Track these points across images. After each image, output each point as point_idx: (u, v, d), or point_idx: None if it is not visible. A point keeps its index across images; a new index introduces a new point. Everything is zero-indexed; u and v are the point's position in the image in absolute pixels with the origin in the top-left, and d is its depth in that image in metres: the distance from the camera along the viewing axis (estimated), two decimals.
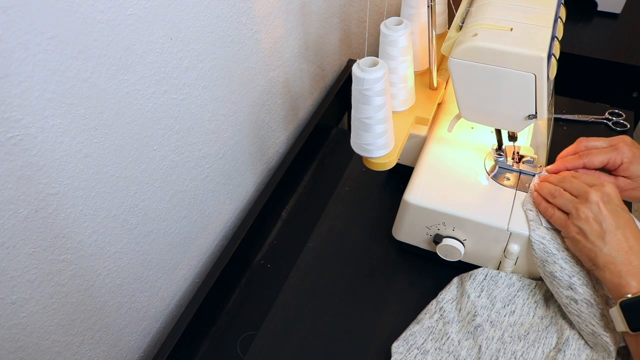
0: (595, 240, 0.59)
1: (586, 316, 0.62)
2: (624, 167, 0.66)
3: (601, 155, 0.67)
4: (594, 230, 0.59)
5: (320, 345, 0.70)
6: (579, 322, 0.63)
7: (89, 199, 0.53)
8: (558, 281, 0.64)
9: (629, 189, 0.67)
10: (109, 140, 0.53)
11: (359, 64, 0.59)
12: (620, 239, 0.58)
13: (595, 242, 0.59)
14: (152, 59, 0.55)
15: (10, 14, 0.40)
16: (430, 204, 0.69)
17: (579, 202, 0.61)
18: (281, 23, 0.79)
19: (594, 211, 0.60)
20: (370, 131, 0.63)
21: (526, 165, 0.71)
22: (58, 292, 0.53)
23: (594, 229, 0.59)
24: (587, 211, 0.60)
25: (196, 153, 0.68)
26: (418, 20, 0.74)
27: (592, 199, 0.60)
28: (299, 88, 0.92)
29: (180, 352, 0.68)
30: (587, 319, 0.62)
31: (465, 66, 0.61)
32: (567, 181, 0.65)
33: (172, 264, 0.71)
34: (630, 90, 1.16)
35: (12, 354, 0.50)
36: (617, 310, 0.57)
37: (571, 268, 0.63)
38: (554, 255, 0.64)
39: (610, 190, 0.61)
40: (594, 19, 1.26)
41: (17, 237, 0.46)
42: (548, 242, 0.65)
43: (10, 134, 0.43)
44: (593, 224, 0.59)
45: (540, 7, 0.63)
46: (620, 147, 0.67)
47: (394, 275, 0.77)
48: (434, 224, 0.71)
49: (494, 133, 0.72)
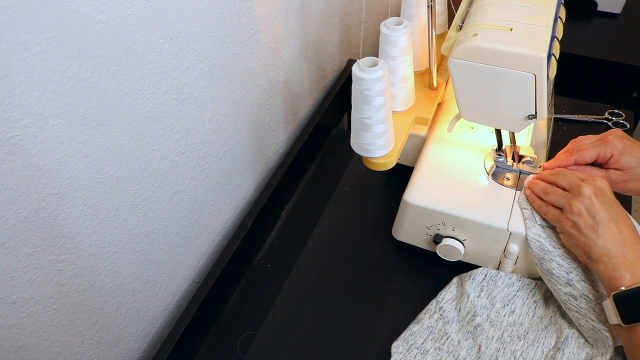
0: (589, 233, 0.59)
1: (586, 311, 0.62)
2: (615, 159, 0.66)
3: (591, 150, 0.67)
4: (587, 223, 0.59)
5: (320, 345, 0.70)
6: (578, 318, 0.63)
7: (89, 199, 0.53)
8: (556, 278, 0.64)
9: (621, 181, 0.67)
10: (109, 140, 0.53)
11: (359, 64, 0.59)
12: (614, 232, 0.58)
13: (589, 235, 0.59)
14: (152, 59, 0.55)
15: (10, 14, 0.40)
16: (430, 204, 0.69)
17: (572, 197, 0.62)
18: (281, 23, 0.79)
19: (587, 204, 0.60)
20: (370, 131, 0.63)
21: (526, 165, 0.71)
22: (58, 292, 0.53)
23: (588, 222, 0.59)
24: (580, 205, 0.60)
25: (196, 153, 0.68)
26: (418, 20, 0.74)
27: (584, 192, 0.60)
28: (299, 88, 0.92)
29: (180, 352, 0.68)
30: (586, 314, 0.62)
31: (465, 66, 0.61)
32: (559, 177, 0.65)
33: (172, 264, 0.71)
34: (630, 90, 1.16)
35: (12, 354, 0.50)
36: (610, 303, 0.57)
37: (568, 264, 0.63)
38: (551, 252, 0.64)
39: (602, 184, 0.61)
40: (594, 19, 1.26)
41: (17, 237, 0.46)
42: (544, 239, 0.65)
43: (10, 134, 0.43)
44: (586, 217, 0.60)
45: (540, 7, 0.63)
46: (609, 139, 0.67)
47: (394, 275, 0.77)
48: (434, 224, 0.71)
49: (494, 133, 0.72)
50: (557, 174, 0.66)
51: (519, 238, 0.66)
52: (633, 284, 0.55)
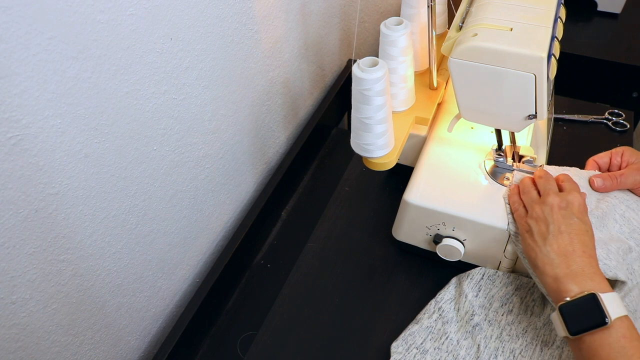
0: (538, 239, 0.59)
1: None
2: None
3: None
4: (540, 230, 0.60)
5: (320, 345, 0.70)
6: None
7: (89, 199, 0.53)
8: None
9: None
10: (109, 140, 0.53)
11: (359, 64, 0.59)
12: (563, 243, 0.57)
13: (538, 241, 0.59)
14: (152, 59, 0.55)
15: (10, 14, 0.40)
16: (430, 204, 0.69)
17: (537, 202, 0.62)
18: (281, 23, 0.79)
19: (546, 212, 0.60)
20: (370, 131, 0.63)
21: (526, 165, 0.71)
22: (58, 292, 0.53)
23: (540, 229, 0.60)
24: (540, 211, 0.61)
25: (196, 153, 0.68)
26: (418, 20, 0.74)
27: (548, 200, 0.61)
28: (299, 88, 0.92)
29: (180, 352, 0.68)
30: None
31: (465, 66, 0.61)
32: (541, 180, 0.65)
33: (172, 264, 0.71)
34: (630, 90, 1.16)
35: (12, 354, 0.50)
36: (557, 315, 0.55)
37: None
38: None
39: (574, 199, 0.61)
40: (594, 19, 1.26)
41: (17, 237, 0.46)
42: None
43: (10, 134, 0.43)
44: (541, 224, 0.60)
45: (540, 7, 0.63)
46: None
47: (394, 275, 0.77)
48: (433, 224, 0.71)
49: (494, 133, 0.72)
50: (541, 177, 0.66)
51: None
52: (578, 294, 0.54)
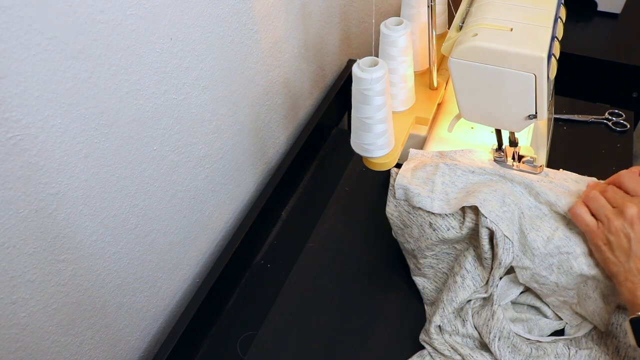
0: (620, 255, 0.59)
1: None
2: None
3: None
4: (621, 245, 0.59)
5: (320, 345, 0.70)
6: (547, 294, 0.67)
7: (89, 199, 0.53)
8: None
9: None
10: (109, 140, 0.53)
11: (359, 64, 0.59)
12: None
13: (620, 257, 0.59)
14: (152, 59, 0.55)
15: (10, 14, 0.40)
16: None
17: (614, 213, 0.60)
18: (281, 23, 0.79)
19: (626, 226, 0.59)
20: (370, 131, 0.63)
21: (526, 165, 0.71)
22: (58, 292, 0.53)
23: (622, 244, 0.59)
24: (619, 224, 0.59)
25: (196, 153, 0.68)
26: (418, 20, 0.74)
27: (627, 212, 0.59)
28: (299, 88, 0.92)
29: (180, 352, 0.68)
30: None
31: (465, 66, 0.61)
32: (610, 189, 0.62)
33: (172, 264, 0.71)
34: (630, 90, 1.16)
35: (12, 354, 0.50)
36: (628, 325, 0.58)
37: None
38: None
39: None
40: (594, 19, 1.25)
41: (17, 237, 0.46)
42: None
43: (10, 134, 0.43)
44: (622, 238, 0.59)
45: (540, 7, 0.63)
46: None
47: (394, 276, 0.77)
48: None
49: (494, 133, 0.72)
50: (608, 188, 0.63)
51: None
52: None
